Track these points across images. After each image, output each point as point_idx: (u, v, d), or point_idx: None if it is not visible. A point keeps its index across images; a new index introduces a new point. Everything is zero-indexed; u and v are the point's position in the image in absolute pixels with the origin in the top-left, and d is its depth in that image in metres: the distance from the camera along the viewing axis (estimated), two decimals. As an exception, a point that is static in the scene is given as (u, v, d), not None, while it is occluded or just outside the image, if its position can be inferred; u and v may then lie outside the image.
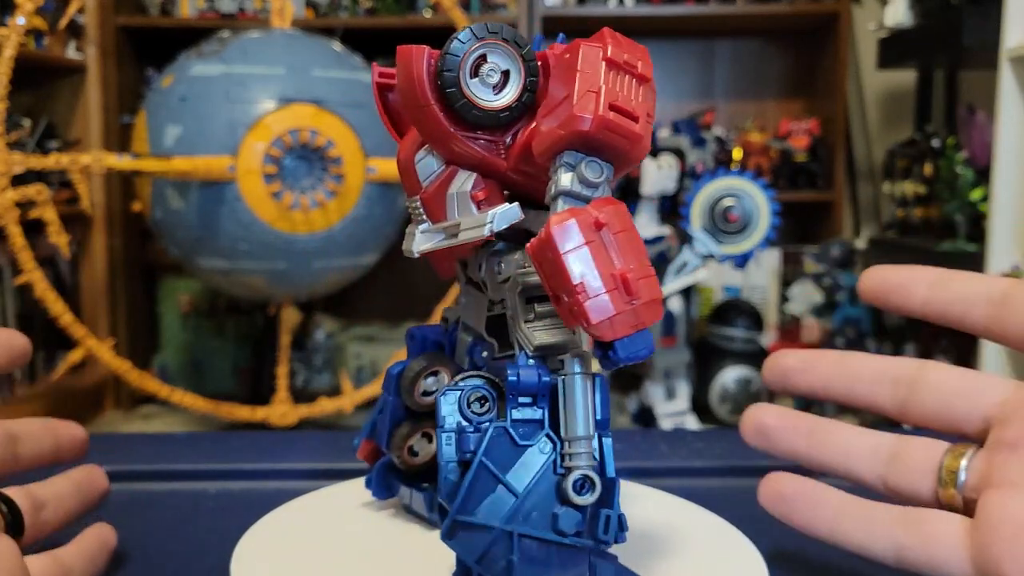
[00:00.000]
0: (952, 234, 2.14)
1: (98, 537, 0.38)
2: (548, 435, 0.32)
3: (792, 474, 0.36)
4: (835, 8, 2.58)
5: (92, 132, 2.46)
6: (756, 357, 2.36)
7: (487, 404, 0.33)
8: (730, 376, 2.31)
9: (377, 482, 0.42)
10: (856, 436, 0.36)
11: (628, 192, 2.30)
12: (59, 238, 1.80)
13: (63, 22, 2.09)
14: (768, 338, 2.57)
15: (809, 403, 2.42)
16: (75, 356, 1.88)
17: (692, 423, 2.10)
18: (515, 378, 0.32)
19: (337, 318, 2.76)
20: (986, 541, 0.30)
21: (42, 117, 2.33)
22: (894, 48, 2.50)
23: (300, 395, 2.24)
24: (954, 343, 2.16)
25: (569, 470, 0.32)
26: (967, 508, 0.32)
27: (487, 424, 0.33)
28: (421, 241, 0.36)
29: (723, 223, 1.93)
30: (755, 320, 2.41)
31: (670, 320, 2.13)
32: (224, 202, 1.88)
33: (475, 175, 0.34)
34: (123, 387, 2.47)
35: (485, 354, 0.38)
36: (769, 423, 0.37)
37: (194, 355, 2.62)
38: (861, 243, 2.57)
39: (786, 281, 2.60)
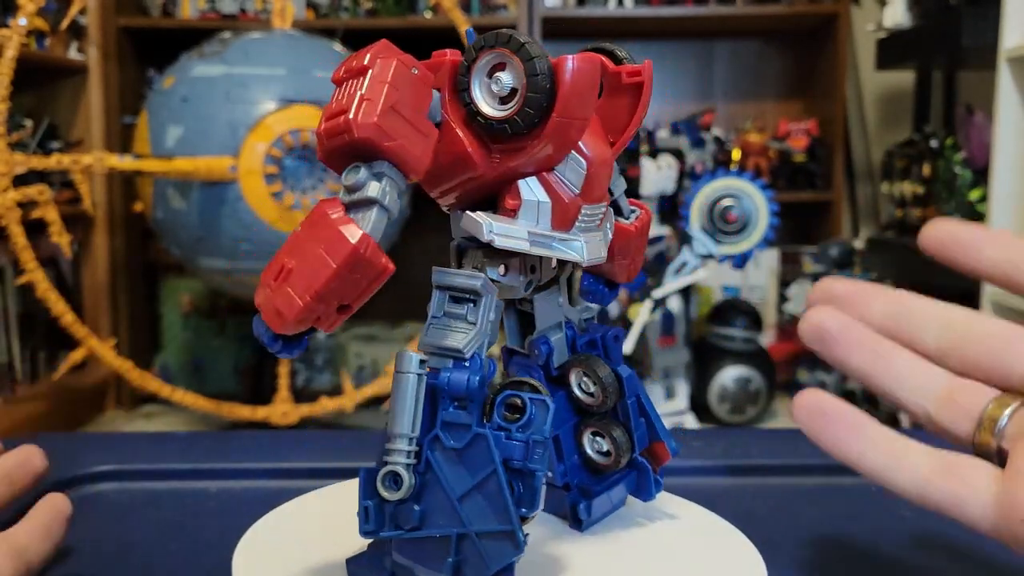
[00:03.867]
0: (951, 234, 2.14)
1: (51, 508, 0.37)
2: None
3: (831, 395, 0.35)
4: (834, 9, 2.58)
5: (94, 133, 2.46)
6: (755, 357, 2.36)
7: None
8: (729, 375, 2.32)
9: None
10: (914, 365, 0.35)
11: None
12: (61, 238, 1.80)
13: (65, 23, 2.09)
14: (767, 338, 2.58)
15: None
16: (77, 356, 1.89)
17: (691, 422, 2.10)
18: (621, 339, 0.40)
19: (337, 318, 2.77)
20: (1014, 488, 0.30)
21: (44, 118, 2.33)
22: (893, 49, 2.50)
23: (301, 394, 2.24)
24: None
25: None
26: (1000, 457, 0.32)
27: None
28: (601, 247, 0.36)
29: (722, 223, 1.93)
30: (754, 320, 2.41)
31: (669, 320, 2.13)
32: (225, 202, 1.89)
33: None
34: (124, 386, 2.47)
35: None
36: (832, 329, 0.35)
37: (195, 355, 2.62)
38: (860, 243, 2.57)
39: (785, 281, 2.60)
